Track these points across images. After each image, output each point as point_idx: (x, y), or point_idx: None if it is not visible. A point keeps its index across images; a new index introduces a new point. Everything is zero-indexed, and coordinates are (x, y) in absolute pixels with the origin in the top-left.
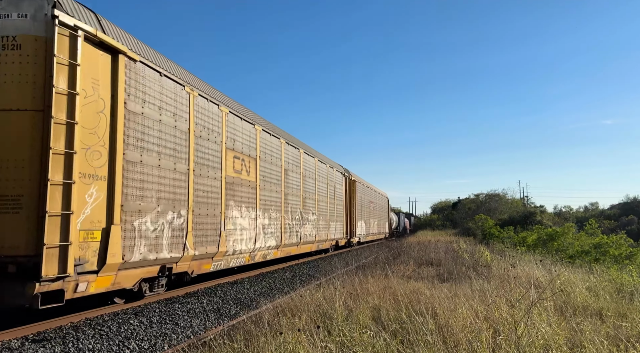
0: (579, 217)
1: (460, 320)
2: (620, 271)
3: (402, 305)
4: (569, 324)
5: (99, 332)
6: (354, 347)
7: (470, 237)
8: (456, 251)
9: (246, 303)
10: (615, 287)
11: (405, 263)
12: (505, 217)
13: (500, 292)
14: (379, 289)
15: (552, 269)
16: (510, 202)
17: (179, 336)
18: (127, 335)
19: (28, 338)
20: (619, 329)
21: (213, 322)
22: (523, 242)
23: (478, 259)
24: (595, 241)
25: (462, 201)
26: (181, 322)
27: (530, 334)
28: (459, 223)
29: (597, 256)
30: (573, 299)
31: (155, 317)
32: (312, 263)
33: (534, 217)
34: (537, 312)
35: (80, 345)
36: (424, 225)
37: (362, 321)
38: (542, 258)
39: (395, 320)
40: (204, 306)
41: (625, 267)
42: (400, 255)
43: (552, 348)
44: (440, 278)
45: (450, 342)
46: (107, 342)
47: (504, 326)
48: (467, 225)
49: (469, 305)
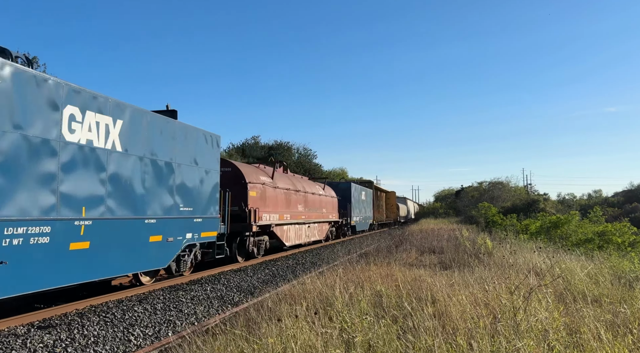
0: (583, 204)
1: (459, 307)
2: (622, 258)
3: (403, 292)
4: (569, 310)
5: (104, 319)
6: (354, 332)
7: (473, 225)
8: (458, 239)
9: (249, 290)
10: (616, 274)
11: (408, 251)
12: (509, 205)
13: (501, 279)
14: (380, 277)
15: (553, 256)
16: (513, 189)
17: (183, 323)
18: (132, 322)
19: (34, 324)
20: (618, 315)
21: (217, 309)
22: (526, 229)
23: (480, 247)
24: (599, 229)
25: (465, 189)
26: (185, 309)
27: (529, 320)
28: (462, 211)
29: (601, 244)
30: (573, 286)
31: (160, 304)
32: (315, 251)
33: (537, 204)
34: (537, 299)
35: (85, 332)
36: (427, 213)
37: (363, 307)
38: (545, 245)
39: (396, 307)
40: (207, 293)
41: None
42: (402, 243)
43: (550, 334)
44: (442, 265)
45: (450, 328)
46: (112, 329)
47: (503, 313)
48: (470, 213)
49: (469, 292)
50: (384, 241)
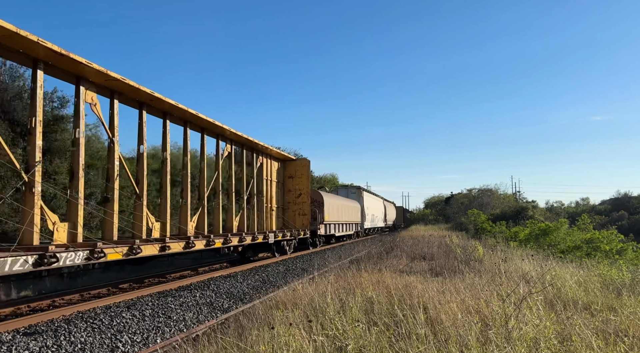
0: (571, 212)
1: (451, 314)
2: (610, 266)
3: (394, 298)
4: (559, 318)
5: (91, 325)
6: (346, 340)
7: (463, 231)
8: (449, 246)
9: (239, 296)
10: (605, 282)
11: (399, 258)
12: (498, 212)
13: (492, 286)
14: (372, 284)
15: (543, 264)
16: (502, 197)
17: (172, 329)
18: (120, 328)
19: (19, 331)
20: (608, 323)
21: (206, 315)
22: (515, 237)
23: (470, 254)
24: (587, 236)
25: (454, 196)
26: (174, 315)
27: (521, 328)
28: (451, 218)
29: (589, 251)
30: (563, 293)
31: (148, 310)
32: (306, 257)
33: (526, 212)
34: (527, 306)
35: (72, 338)
36: (417, 219)
37: (355, 315)
38: (534, 253)
39: (388, 314)
40: (196, 299)
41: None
42: (393, 250)
43: (542, 342)
44: (433, 272)
45: (441, 335)
46: (100, 335)
47: (494, 320)
48: (460, 220)
49: (461, 299)
50: (375, 247)
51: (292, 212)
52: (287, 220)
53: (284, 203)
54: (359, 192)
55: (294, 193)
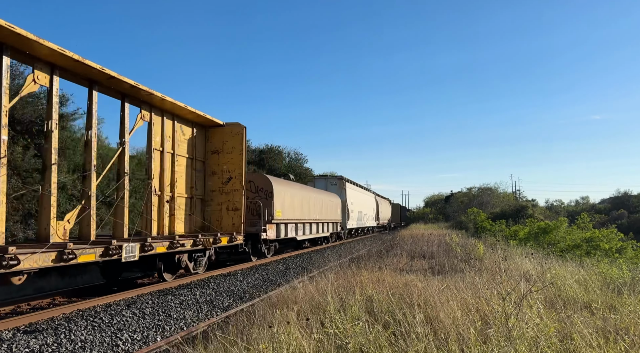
0: (570, 210)
1: (451, 313)
2: (610, 264)
3: (394, 297)
4: (559, 316)
5: (91, 323)
6: (346, 338)
7: (463, 230)
8: (448, 244)
9: (239, 295)
10: (605, 281)
11: (398, 256)
12: (498, 211)
13: (492, 284)
14: (372, 282)
15: (543, 262)
16: (502, 195)
17: (172, 328)
18: (120, 327)
19: (20, 329)
20: (608, 321)
21: (206, 313)
22: (515, 235)
23: (470, 252)
24: (587, 235)
25: (454, 195)
26: (174, 314)
27: (521, 326)
28: (451, 216)
29: (589, 250)
30: (563, 292)
31: (148, 308)
32: (306, 255)
33: (525, 210)
34: (528, 305)
35: (72, 336)
36: (417, 218)
37: (355, 313)
38: (534, 252)
39: (388, 312)
40: (197, 298)
41: (615, 260)
42: (393, 248)
43: (542, 340)
44: (433, 271)
45: (441, 334)
46: (100, 333)
47: (494, 319)
48: (460, 219)
49: (461, 297)
50: (375, 245)
51: (216, 206)
52: (211, 219)
53: (204, 192)
54: (340, 183)
55: (219, 176)
